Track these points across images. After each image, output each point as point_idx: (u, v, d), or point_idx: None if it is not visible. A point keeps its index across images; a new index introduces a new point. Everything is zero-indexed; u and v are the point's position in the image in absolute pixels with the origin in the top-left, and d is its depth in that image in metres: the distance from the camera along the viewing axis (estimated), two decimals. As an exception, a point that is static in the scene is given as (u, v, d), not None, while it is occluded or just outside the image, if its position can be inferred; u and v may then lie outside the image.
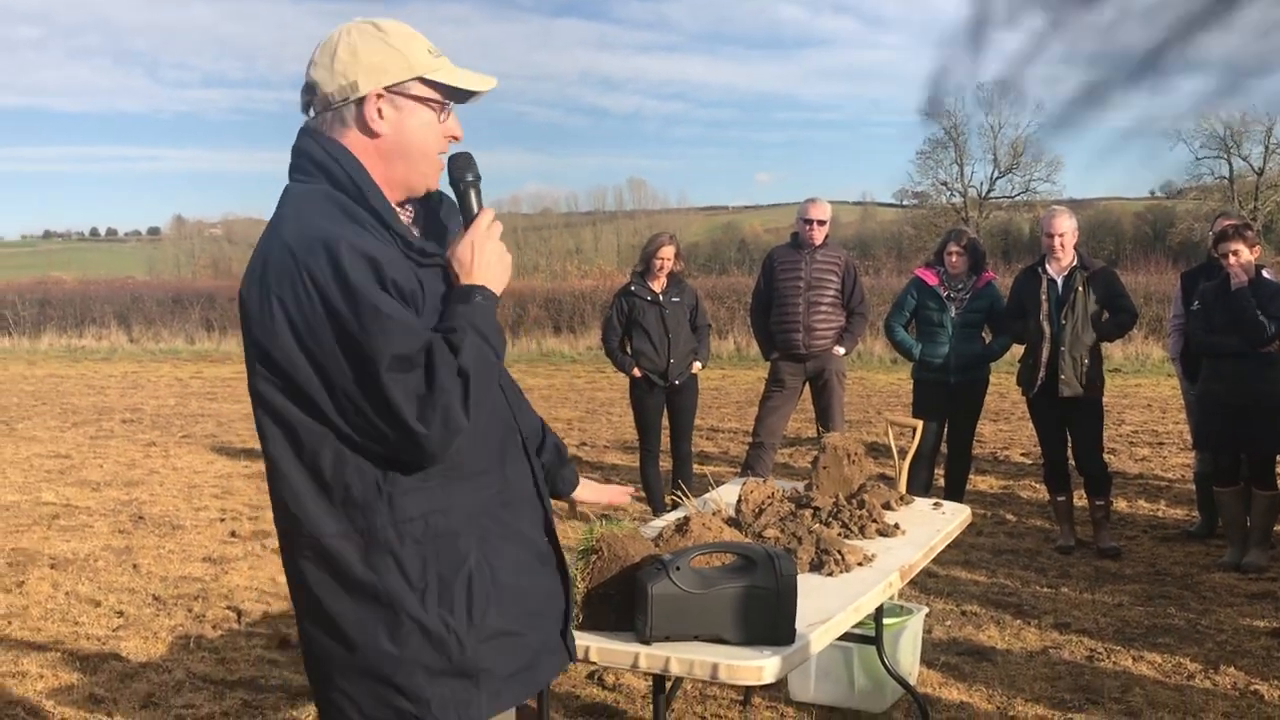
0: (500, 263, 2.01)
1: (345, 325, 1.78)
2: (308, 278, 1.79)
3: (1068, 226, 6.40)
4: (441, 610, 1.88)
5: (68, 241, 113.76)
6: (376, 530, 1.85)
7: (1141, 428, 10.83)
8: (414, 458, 1.84)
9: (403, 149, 1.97)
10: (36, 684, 4.54)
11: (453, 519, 1.90)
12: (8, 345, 24.90)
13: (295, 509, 1.87)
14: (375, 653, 1.87)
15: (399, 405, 1.78)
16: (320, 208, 1.89)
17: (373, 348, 1.78)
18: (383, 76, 1.94)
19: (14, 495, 8.43)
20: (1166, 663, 4.66)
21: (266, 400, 1.86)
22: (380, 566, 1.86)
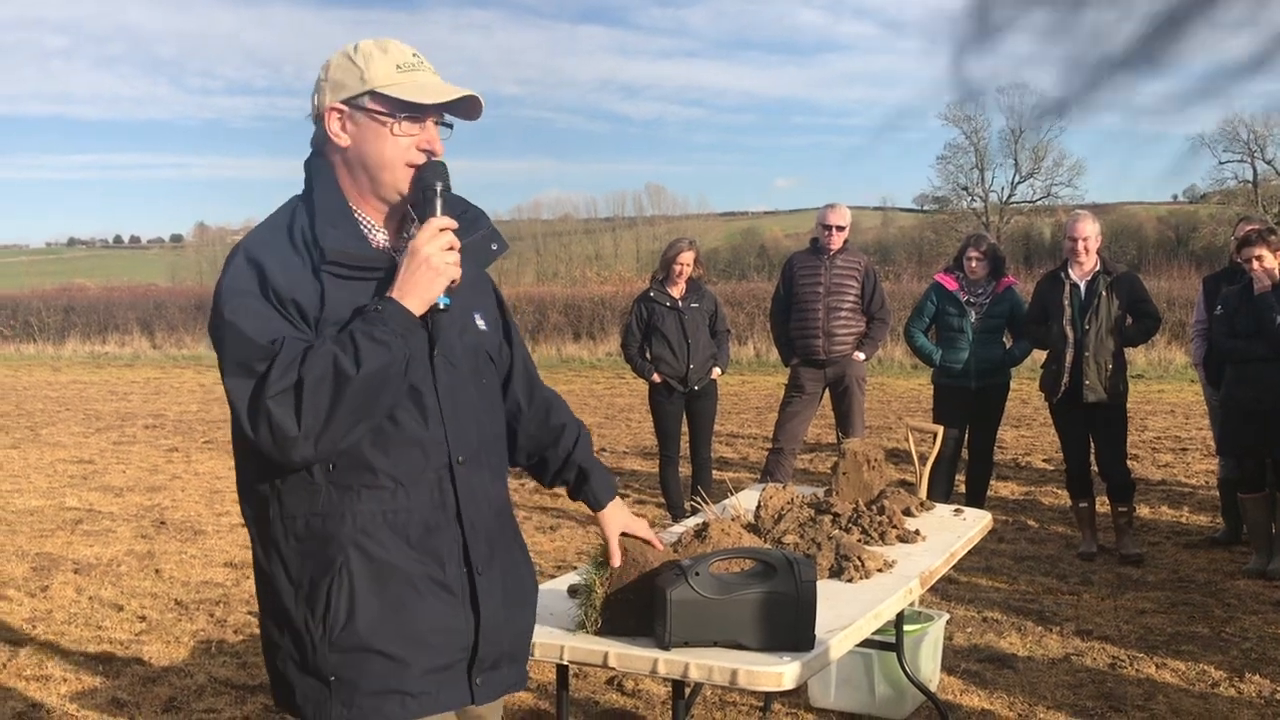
0: (426, 272, 1.96)
1: (210, 326, 1.97)
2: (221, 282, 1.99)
3: (1091, 231, 6.36)
4: (305, 610, 1.96)
5: (92, 249, 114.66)
6: (269, 522, 1.99)
7: (1164, 433, 10.76)
8: (269, 454, 1.90)
9: (361, 160, 2.05)
10: (60, 687, 4.57)
11: (330, 524, 1.95)
12: (33, 351, 25.12)
13: (237, 489, 2.08)
14: (267, 634, 2.04)
15: (236, 408, 1.90)
16: (276, 215, 2.06)
17: (220, 350, 1.92)
18: (340, 91, 2.04)
19: (38, 500, 8.50)
20: (1190, 670, 4.62)
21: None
22: (270, 557, 2.00)
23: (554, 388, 2.57)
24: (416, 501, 2.00)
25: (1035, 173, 53.86)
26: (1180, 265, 25.56)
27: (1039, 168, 53.75)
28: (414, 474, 1.99)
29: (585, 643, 2.68)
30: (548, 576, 5.72)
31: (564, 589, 3.05)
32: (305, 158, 2.12)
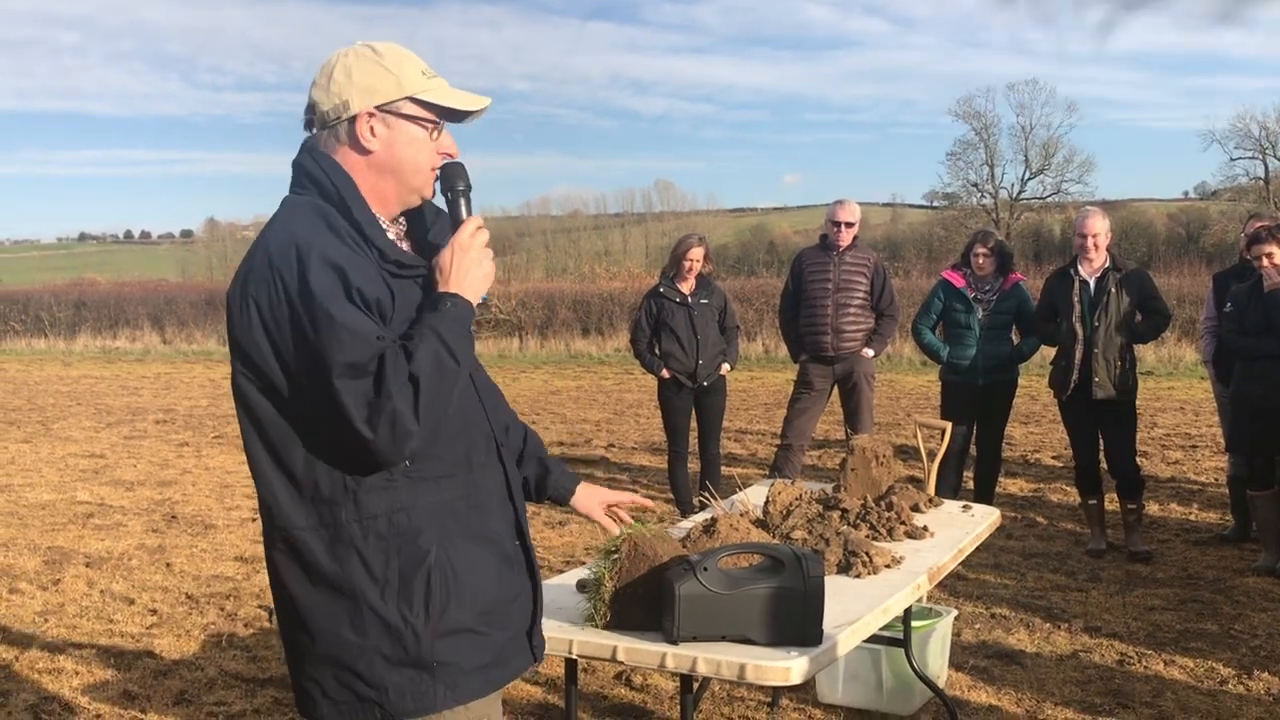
0: (478, 269, 2.06)
1: (304, 330, 1.87)
2: (279, 281, 1.89)
3: (1101, 227, 6.35)
4: (400, 604, 1.95)
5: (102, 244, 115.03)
6: (342, 525, 1.94)
7: (1174, 430, 10.73)
8: (370, 462, 1.91)
9: (393, 165, 2.06)
10: (72, 680, 4.60)
11: (415, 517, 1.97)
12: (44, 346, 25.21)
13: (270, 502, 1.97)
14: (338, 641, 1.96)
15: (349, 410, 1.85)
16: (305, 217, 1.98)
17: (326, 354, 1.85)
18: (374, 96, 2.04)
19: (50, 494, 8.54)
20: (1199, 668, 4.62)
21: (245, 398, 1.96)
22: (344, 560, 1.94)
23: (563, 384, 2.60)
24: (483, 484, 2.08)
25: (1045, 169, 53.77)
26: (1191, 262, 25.46)
27: (1049, 164, 53.66)
28: (476, 458, 2.08)
29: (594, 637, 2.70)
30: (556, 571, 5.74)
31: (573, 584, 3.07)
32: (299, 159, 2.08)
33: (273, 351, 1.90)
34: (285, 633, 2.05)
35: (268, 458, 1.97)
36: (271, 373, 1.92)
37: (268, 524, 2.01)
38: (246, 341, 1.92)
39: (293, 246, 1.91)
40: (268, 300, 1.90)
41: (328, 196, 2.02)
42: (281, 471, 1.96)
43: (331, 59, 2.08)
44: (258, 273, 1.92)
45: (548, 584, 3.18)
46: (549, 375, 17.42)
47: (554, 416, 12.66)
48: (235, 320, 1.94)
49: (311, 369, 1.87)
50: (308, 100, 2.09)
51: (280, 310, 1.89)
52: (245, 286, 1.93)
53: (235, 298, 1.95)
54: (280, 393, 1.93)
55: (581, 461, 9.70)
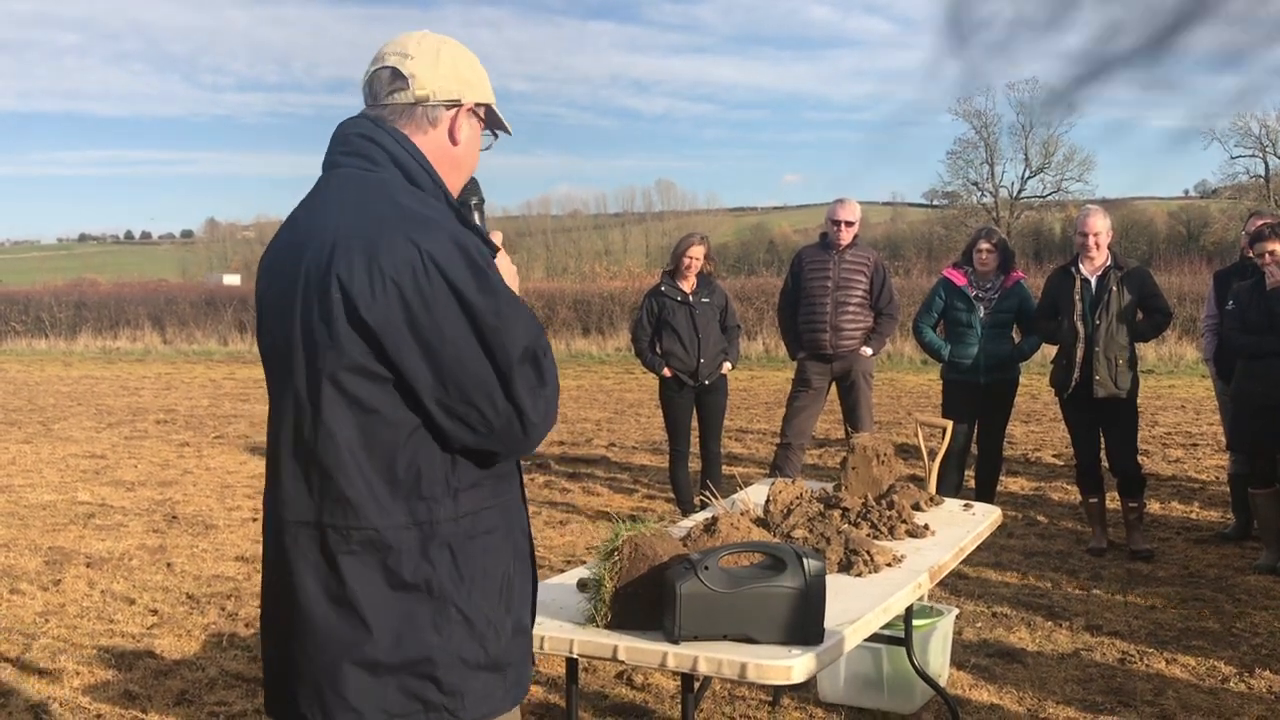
0: (515, 278, 2.06)
1: (480, 315, 1.80)
2: (431, 264, 1.79)
3: (1102, 226, 6.34)
4: (485, 605, 1.91)
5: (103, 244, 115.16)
6: (439, 523, 1.87)
7: (1175, 429, 10.73)
8: (511, 449, 1.89)
9: (462, 161, 2.06)
10: (73, 681, 4.60)
11: (496, 516, 1.95)
12: (44, 347, 25.22)
13: (356, 500, 1.84)
14: (418, 645, 1.86)
15: (521, 397, 1.83)
16: (415, 198, 1.91)
17: (509, 339, 1.82)
18: (477, 93, 2.05)
19: (50, 495, 8.54)
20: (1200, 666, 4.62)
21: (348, 388, 1.83)
22: (437, 559, 1.87)
23: (563, 383, 2.62)
24: (519, 484, 2.09)
25: (1046, 168, 53.78)
26: (1191, 260, 25.45)
27: (1049, 162, 53.67)
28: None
29: (595, 636, 2.70)
30: (557, 571, 5.73)
31: (573, 583, 3.06)
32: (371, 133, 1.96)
33: (413, 337, 1.79)
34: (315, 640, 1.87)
35: (365, 453, 1.84)
36: (404, 358, 1.80)
37: (337, 527, 1.85)
38: (381, 324, 1.79)
39: (439, 227, 1.84)
40: (414, 284, 1.78)
41: (415, 179, 1.95)
42: (378, 468, 1.84)
43: (427, 39, 2.02)
44: (395, 252, 1.79)
45: (548, 583, 3.18)
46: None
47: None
48: (365, 303, 1.78)
49: (484, 355, 1.81)
50: (399, 69, 1.99)
51: (436, 295, 1.79)
52: (377, 266, 1.79)
53: (360, 278, 1.79)
54: (410, 380, 1.81)
55: (582, 461, 9.70)
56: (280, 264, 1.94)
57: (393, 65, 1.99)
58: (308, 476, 1.88)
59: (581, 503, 8.03)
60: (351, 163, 1.96)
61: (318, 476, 1.86)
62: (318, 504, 1.87)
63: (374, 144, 1.96)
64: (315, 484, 1.87)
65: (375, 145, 1.95)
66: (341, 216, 1.87)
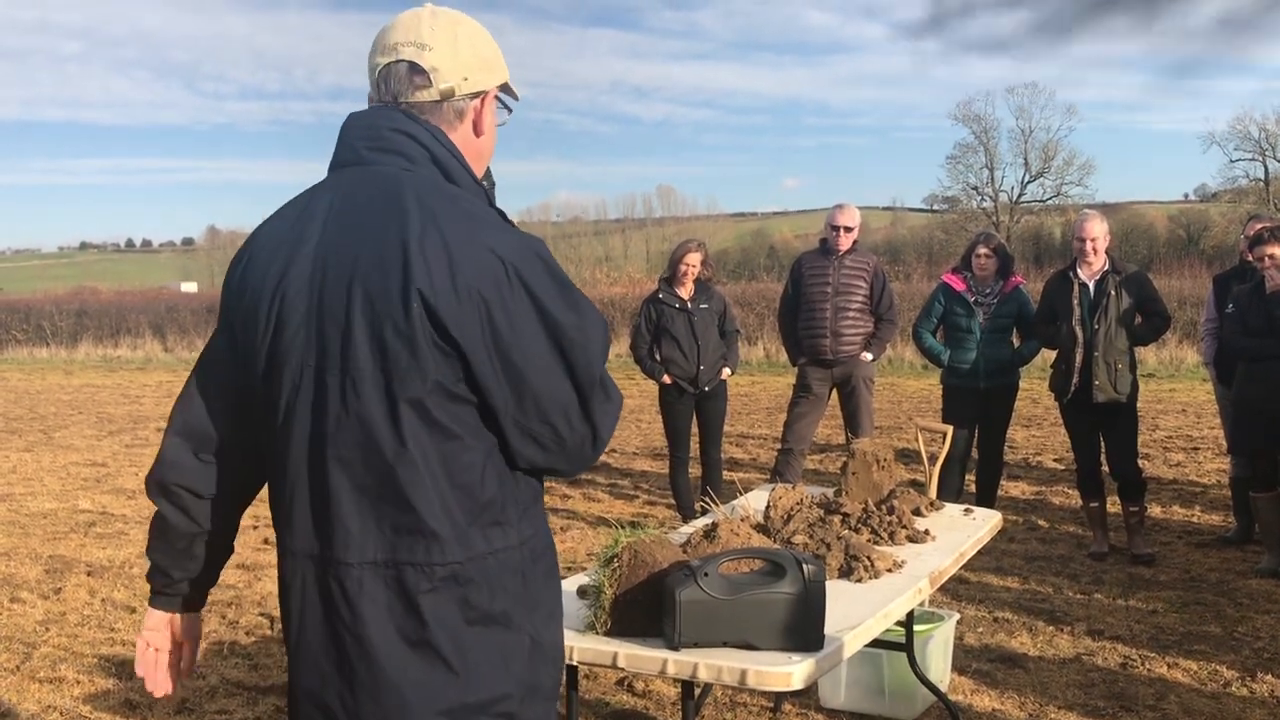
0: None
1: (568, 334, 1.69)
2: (515, 278, 1.66)
3: (1100, 230, 6.35)
4: (553, 628, 1.83)
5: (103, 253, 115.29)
6: (511, 549, 1.75)
7: (1176, 433, 10.72)
8: (579, 466, 1.81)
9: (487, 150, 1.90)
10: (73, 689, 4.60)
11: (547, 535, 1.87)
12: (45, 355, 25.22)
13: (441, 531, 1.68)
14: (496, 682, 1.73)
15: (597, 416, 1.75)
16: (476, 204, 1.76)
17: (595, 358, 1.73)
18: (498, 74, 1.87)
19: (51, 503, 8.54)
20: (1202, 670, 4.61)
21: (430, 410, 1.67)
22: (512, 587, 1.75)
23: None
24: None
25: (1045, 172, 53.83)
26: (1191, 264, 25.48)
27: (1049, 167, 53.70)
28: None
29: (594, 643, 2.69)
30: (558, 578, 5.73)
31: (573, 590, 3.06)
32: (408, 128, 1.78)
33: (496, 354, 1.66)
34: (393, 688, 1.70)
35: (448, 481, 1.68)
36: (488, 376, 1.66)
37: (411, 562, 1.68)
38: (468, 341, 1.64)
39: (513, 234, 1.71)
40: (499, 296, 1.65)
41: (456, 179, 1.78)
42: (459, 494, 1.69)
43: (440, 20, 1.81)
44: (481, 264, 1.65)
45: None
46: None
47: (555, 422, 12.65)
48: (453, 320, 1.63)
49: (564, 374, 1.70)
50: (418, 63, 1.79)
51: (519, 309, 1.66)
52: (464, 279, 1.64)
53: (446, 294, 1.63)
54: (490, 399, 1.68)
55: (583, 467, 9.69)
56: (315, 274, 1.72)
57: (409, 59, 1.79)
58: (377, 512, 1.70)
59: (582, 509, 8.02)
60: (385, 160, 1.76)
61: (393, 510, 1.69)
62: (392, 540, 1.69)
63: (412, 140, 1.77)
64: (388, 519, 1.69)
65: (414, 141, 1.77)
66: (406, 224, 1.67)
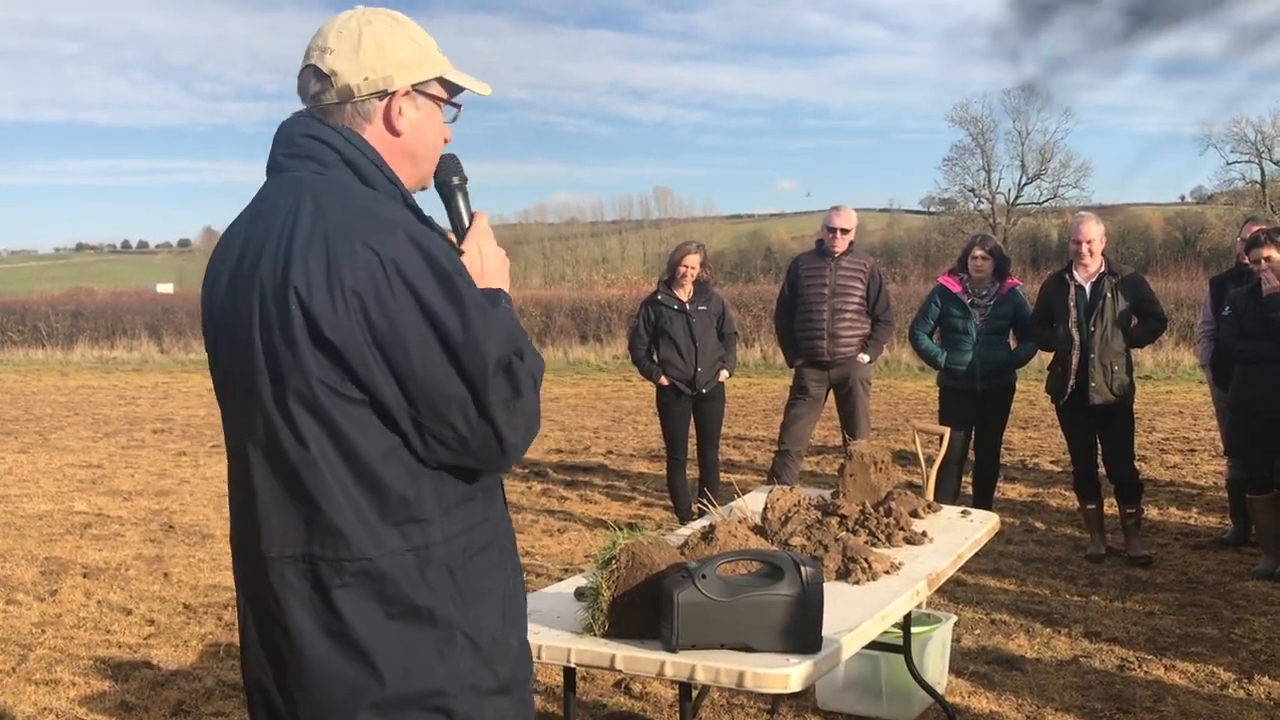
0: (504, 265, 1.95)
1: (447, 326, 1.68)
2: (394, 272, 1.67)
3: (1096, 233, 6.36)
4: (489, 626, 1.82)
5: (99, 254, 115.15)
6: (435, 546, 1.75)
7: (1172, 435, 10.73)
8: (491, 465, 1.78)
9: (414, 149, 1.89)
10: (69, 691, 4.59)
11: (489, 531, 1.85)
12: (41, 356, 25.19)
13: (345, 530, 1.71)
14: (424, 677, 1.74)
15: (495, 412, 1.71)
16: (380, 201, 1.77)
17: (479, 350, 1.69)
18: (410, 73, 1.86)
19: (47, 505, 8.52)
20: (1199, 672, 4.61)
21: (324, 409, 1.69)
22: (437, 584, 1.75)
23: (561, 390, 2.56)
24: (503, 496, 1.98)
25: (1042, 174, 53.82)
26: (1188, 266, 25.52)
27: (1046, 169, 53.71)
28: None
29: (592, 645, 2.69)
30: (554, 579, 5.72)
31: (571, 592, 3.06)
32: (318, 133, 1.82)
33: (378, 351, 1.67)
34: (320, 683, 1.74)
35: (350, 477, 1.71)
36: (370, 375, 1.68)
37: (324, 558, 1.72)
38: (345, 341, 1.66)
39: (400, 230, 1.69)
40: (375, 295, 1.66)
41: (368, 179, 1.81)
42: (365, 492, 1.71)
43: (350, 23, 1.85)
44: (355, 261, 1.66)
45: (546, 592, 3.18)
46: (547, 382, 17.34)
47: (552, 424, 12.65)
48: (327, 319, 1.66)
49: (452, 367, 1.69)
50: (319, 68, 1.84)
51: (400, 305, 1.66)
52: (338, 278, 1.66)
53: (320, 292, 1.66)
54: (380, 398, 1.69)
55: (580, 469, 9.70)
56: (232, 279, 1.78)
57: (314, 63, 1.84)
58: (291, 507, 1.73)
59: (579, 511, 8.02)
60: (299, 165, 1.81)
61: (302, 506, 1.73)
62: (305, 535, 1.73)
63: (322, 143, 1.81)
64: (301, 514, 1.73)
65: (323, 145, 1.81)
66: (295, 225, 1.72)
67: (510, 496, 8.83)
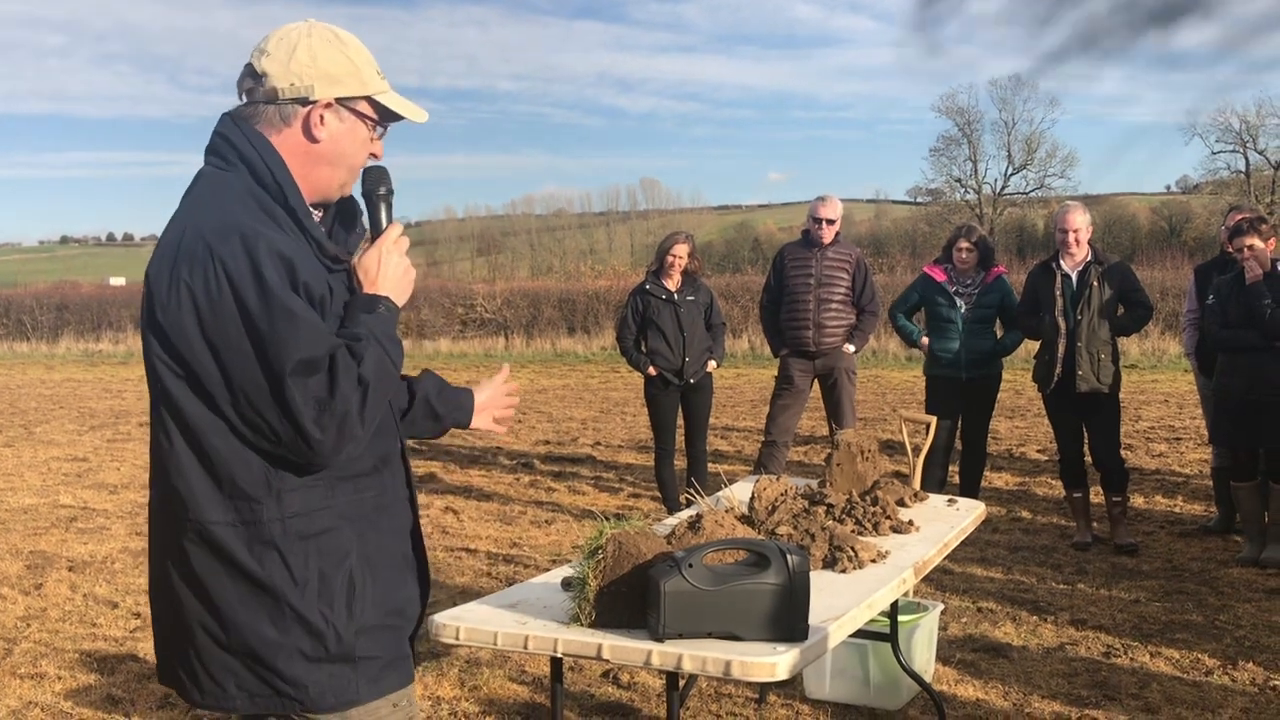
0: (405, 277, 2.06)
1: (255, 323, 1.80)
2: (220, 269, 1.81)
3: (1082, 222, 6.37)
4: (321, 605, 1.92)
5: (85, 246, 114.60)
6: (263, 523, 1.89)
7: (1158, 423, 10.78)
8: (305, 461, 1.87)
9: (333, 158, 2.03)
10: (55, 685, 4.57)
11: (334, 516, 1.95)
12: (26, 350, 25.07)
13: (185, 492, 1.90)
14: (257, 637, 1.91)
15: (298, 409, 1.81)
16: (239, 200, 1.91)
17: (280, 349, 1.80)
18: (337, 87, 1.99)
19: (32, 498, 8.48)
20: (1184, 659, 4.64)
21: (162, 383, 1.89)
22: (264, 559, 1.90)
23: (549, 382, 2.57)
24: (392, 485, 2.07)
25: (1028, 164, 53.98)
26: (1173, 255, 25.63)
27: (1032, 159, 53.86)
28: (390, 459, 2.07)
29: (579, 635, 2.69)
30: (541, 570, 5.72)
31: (558, 582, 3.05)
32: (226, 130, 1.98)
33: (203, 340, 1.83)
34: (181, 617, 1.95)
35: (185, 447, 1.89)
36: (197, 361, 1.84)
37: (179, 513, 1.92)
38: (172, 326, 1.85)
39: (236, 233, 1.83)
40: (204, 287, 1.82)
41: (259, 177, 1.95)
42: (201, 463, 1.89)
43: (292, 33, 2.00)
44: (192, 255, 1.84)
45: (533, 582, 3.17)
46: (535, 374, 17.39)
47: (540, 415, 12.64)
48: (160, 302, 1.86)
49: (258, 364, 1.81)
50: (253, 67, 1.99)
51: (221, 299, 1.81)
52: (175, 268, 1.85)
53: (161, 278, 1.86)
54: (205, 383, 1.85)
55: (568, 459, 9.69)
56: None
57: (250, 62, 2.00)
58: (155, 464, 1.97)
59: (567, 501, 8.02)
60: (210, 161, 1.99)
61: (160, 465, 1.94)
62: (165, 492, 1.95)
63: (227, 142, 1.97)
64: (161, 473, 1.95)
65: (228, 143, 1.97)
66: (174, 218, 1.93)
67: (498, 488, 8.81)
